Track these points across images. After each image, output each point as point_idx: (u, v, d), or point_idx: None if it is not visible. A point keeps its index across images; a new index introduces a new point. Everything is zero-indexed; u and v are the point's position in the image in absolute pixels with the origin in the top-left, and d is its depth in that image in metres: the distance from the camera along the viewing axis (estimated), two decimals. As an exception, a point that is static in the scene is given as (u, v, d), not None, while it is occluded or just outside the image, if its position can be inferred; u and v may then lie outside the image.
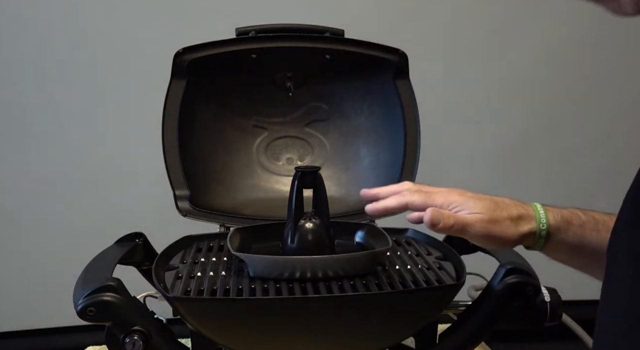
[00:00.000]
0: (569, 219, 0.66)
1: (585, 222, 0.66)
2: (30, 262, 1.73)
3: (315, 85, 1.01)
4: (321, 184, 0.79)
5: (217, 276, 0.73)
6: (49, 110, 1.68)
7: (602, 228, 0.65)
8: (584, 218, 0.66)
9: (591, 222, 0.66)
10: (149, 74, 1.26)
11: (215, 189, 0.99)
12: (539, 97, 1.87)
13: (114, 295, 0.64)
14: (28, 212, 1.72)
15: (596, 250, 0.64)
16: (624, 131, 1.88)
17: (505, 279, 0.70)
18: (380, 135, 1.01)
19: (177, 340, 0.70)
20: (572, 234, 0.65)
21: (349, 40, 0.96)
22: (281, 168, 1.02)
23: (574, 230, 0.65)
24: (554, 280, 0.75)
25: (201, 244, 0.86)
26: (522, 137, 1.88)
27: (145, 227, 0.87)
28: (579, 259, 0.67)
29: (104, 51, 1.67)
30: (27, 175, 1.70)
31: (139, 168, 1.63)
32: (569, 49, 1.84)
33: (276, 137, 1.03)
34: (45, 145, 1.70)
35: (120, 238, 0.85)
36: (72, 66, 1.67)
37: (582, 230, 0.65)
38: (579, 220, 0.66)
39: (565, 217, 0.66)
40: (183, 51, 0.91)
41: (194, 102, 0.95)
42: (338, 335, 0.67)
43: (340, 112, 1.03)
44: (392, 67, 0.96)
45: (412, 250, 0.84)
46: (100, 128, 1.70)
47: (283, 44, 0.95)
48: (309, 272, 0.71)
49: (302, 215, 0.77)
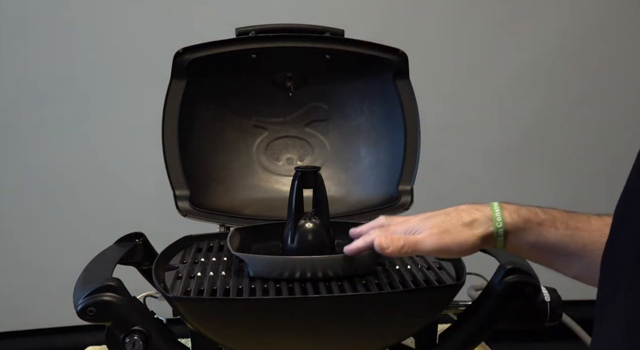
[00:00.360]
0: (526, 217, 0.68)
1: (544, 220, 0.67)
2: (30, 262, 1.73)
3: (315, 85, 1.01)
4: (321, 184, 0.79)
5: (217, 276, 0.73)
6: (48, 110, 1.68)
7: (560, 225, 0.67)
8: (542, 216, 0.68)
9: (549, 220, 0.67)
10: (149, 74, 1.27)
11: (215, 189, 0.99)
12: (539, 97, 1.87)
13: (114, 295, 0.64)
14: (28, 212, 1.72)
15: (555, 247, 0.66)
16: (625, 131, 1.88)
17: (505, 279, 0.70)
18: (380, 135, 1.01)
19: (177, 340, 0.70)
20: (531, 232, 0.67)
21: (349, 40, 0.96)
22: (281, 168, 1.02)
23: (532, 228, 0.67)
24: (554, 280, 0.75)
25: (201, 244, 0.86)
26: (523, 137, 1.88)
27: (145, 227, 0.87)
28: (541, 256, 0.69)
29: (104, 51, 1.67)
30: (27, 175, 1.70)
31: (139, 168, 1.63)
32: (569, 49, 1.84)
33: (276, 137, 1.03)
34: (44, 145, 1.70)
35: (120, 238, 0.85)
36: (72, 66, 1.67)
37: (541, 228, 0.67)
38: (537, 219, 0.67)
39: (523, 215, 0.68)
40: (183, 51, 0.91)
41: (194, 102, 0.95)
42: (338, 335, 0.67)
43: (340, 112, 1.03)
44: (392, 67, 0.96)
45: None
46: (100, 128, 1.70)
47: (283, 44, 0.95)
48: (309, 272, 0.71)
49: (302, 215, 0.77)
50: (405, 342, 0.79)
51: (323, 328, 0.66)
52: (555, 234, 0.66)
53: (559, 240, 0.66)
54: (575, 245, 0.66)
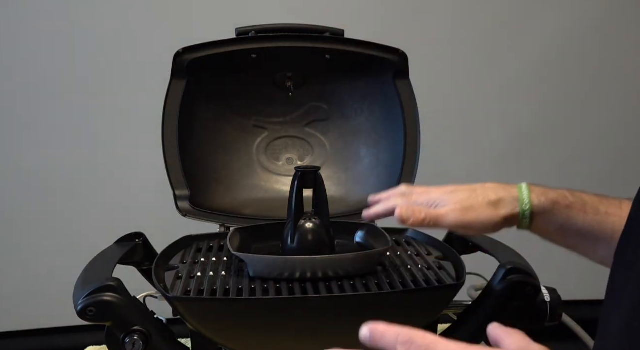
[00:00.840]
0: (555, 200, 0.66)
1: (572, 203, 0.66)
2: (30, 262, 1.73)
3: (315, 85, 1.01)
4: (321, 184, 0.79)
5: (217, 276, 0.73)
6: (48, 110, 1.68)
7: (589, 210, 0.66)
8: (571, 199, 0.67)
9: (579, 203, 0.66)
10: (149, 74, 1.26)
11: (215, 189, 0.99)
12: (540, 97, 1.87)
13: (114, 295, 0.64)
14: (28, 212, 1.72)
15: (583, 231, 0.65)
16: (626, 131, 1.88)
17: (505, 279, 0.70)
18: (380, 135, 1.01)
19: (177, 340, 0.70)
20: (559, 215, 0.66)
21: (349, 40, 0.96)
22: (281, 168, 1.02)
23: (559, 210, 0.66)
24: (554, 280, 0.75)
25: (201, 244, 0.86)
26: (523, 138, 1.88)
27: (145, 227, 0.87)
28: (567, 239, 0.68)
29: (104, 51, 1.66)
30: (27, 175, 1.70)
31: (139, 168, 1.63)
32: (570, 49, 1.84)
33: (276, 137, 1.03)
34: (44, 145, 1.70)
35: (120, 238, 0.85)
36: (72, 66, 1.67)
37: (569, 211, 0.66)
38: (565, 201, 0.66)
39: (551, 198, 0.67)
40: (183, 51, 0.91)
41: (194, 102, 0.95)
42: (338, 335, 0.66)
43: (340, 112, 1.03)
44: (392, 67, 0.96)
45: (412, 250, 0.84)
46: (100, 128, 1.70)
47: (283, 44, 0.95)
48: (309, 272, 0.71)
49: (302, 215, 0.77)
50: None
51: (323, 328, 0.66)
52: (584, 218, 0.65)
53: (587, 225, 0.65)
54: (604, 231, 0.65)
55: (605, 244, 0.65)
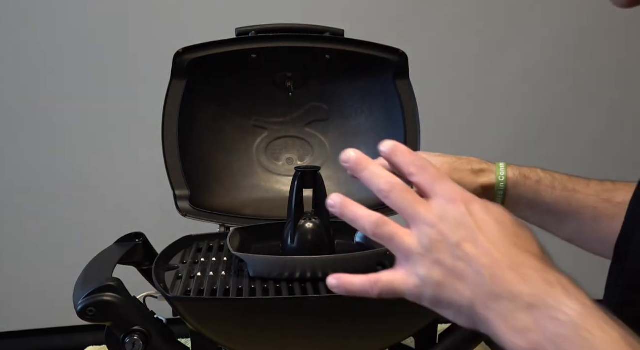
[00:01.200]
0: (526, 174, 0.71)
1: (542, 178, 0.70)
2: (31, 262, 1.73)
3: (315, 85, 1.01)
4: (321, 184, 0.79)
5: (217, 276, 0.73)
6: (48, 110, 1.68)
7: (558, 186, 0.70)
8: (541, 174, 0.71)
9: (548, 179, 0.70)
10: (149, 74, 1.26)
11: (215, 189, 0.99)
12: (540, 96, 1.87)
13: (114, 295, 0.64)
14: (28, 212, 1.72)
15: (552, 206, 0.69)
16: (627, 131, 1.88)
17: (505, 279, 0.70)
18: (380, 135, 1.01)
19: (177, 340, 0.70)
20: (529, 188, 0.70)
21: (349, 40, 0.96)
22: (281, 168, 1.02)
23: (530, 184, 0.70)
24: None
25: (201, 244, 0.86)
26: (524, 138, 1.88)
27: (145, 227, 0.87)
28: (537, 215, 0.71)
29: (105, 51, 1.67)
30: (27, 175, 1.70)
31: (139, 168, 1.63)
32: (571, 49, 1.84)
33: (276, 137, 1.03)
34: (44, 145, 1.70)
35: (120, 238, 0.85)
36: (72, 66, 1.67)
37: (538, 186, 0.70)
38: (536, 176, 0.71)
39: (524, 173, 0.71)
40: (183, 51, 0.91)
41: (194, 102, 0.95)
42: (338, 335, 0.66)
43: (340, 112, 1.03)
44: (392, 67, 0.96)
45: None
46: (100, 128, 1.70)
47: (283, 44, 0.95)
48: (309, 272, 0.71)
49: (302, 215, 0.77)
50: (405, 342, 0.79)
51: (323, 328, 0.66)
52: (552, 193, 0.69)
53: (555, 200, 0.69)
54: (570, 206, 0.68)
55: (572, 220, 0.69)
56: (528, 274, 0.40)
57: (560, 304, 0.38)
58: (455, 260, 0.42)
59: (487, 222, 0.43)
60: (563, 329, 0.37)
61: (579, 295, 0.39)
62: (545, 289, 0.39)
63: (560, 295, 0.39)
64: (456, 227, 0.42)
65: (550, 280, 0.39)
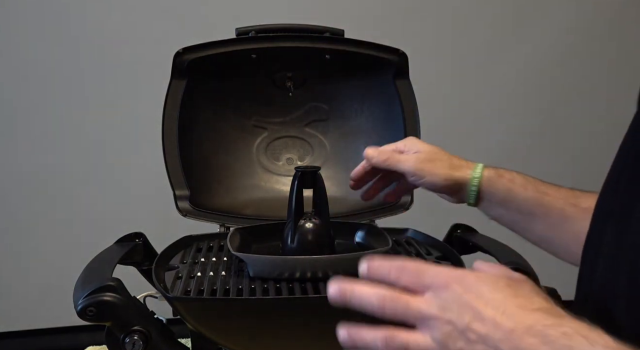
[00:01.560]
0: (501, 174, 0.74)
1: (516, 178, 0.73)
2: (31, 262, 1.73)
3: (315, 85, 1.01)
4: (321, 184, 0.79)
5: (217, 276, 0.73)
6: (48, 110, 1.68)
7: (530, 187, 0.72)
8: (516, 175, 0.74)
9: (522, 180, 0.73)
10: (149, 74, 1.26)
11: (215, 189, 0.99)
12: (540, 96, 1.87)
13: (114, 295, 0.64)
14: (28, 212, 1.72)
15: (522, 206, 0.72)
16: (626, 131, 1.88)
17: (505, 279, 0.70)
18: (380, 135, 1.01)
19: (177, 340, 0.70)
20: (502, 186, 0.73)
21: (348, 40, 0.96)
22: (281, 168, 1.02)
23: (504, 182, 0.73)
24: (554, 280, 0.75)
25: (201, 244, 0.86)
26: (524, 138, 1.88)
27: (145, 227, 0.87)
28: (508, 213, 0.74)
29: (105, 51, 1.67)
30: (27, 175, 1.70)
31: (139, 168, 1.63)
32: (570, 49, 1.84)
33: (276, 137, 1.03)
34: (44, 145, 1.70)
35: (120, 238, 0.85)
36: (72, 66, 1.67)
37: (512, 184, 0.73)
38: (509, 176, 0.74)
39: (499, 172, 0.75)
40: (183, 51, 0.91)
41: (194, 102, 0.95)
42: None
43: (340, 112, 1.03)
44: (392, 67, 0.96)
45: (412, 250, 0.84)
46: (100, 128, 1.70)
47: (283, 44, 0.95)
48: (309, 272, 0.71)
49: (302, 215, 0.77)
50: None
51: (323, 328, 0.66)
52: (524, 194, 0.72)
53: (526, 199, 0.72)
54: (540, 206, 0.71)
55: (541, 221, 0.71)
56: (545, 333, 0.40)
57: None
58: (471, 344, 0.42)
59: (486, 292, 0.43)
60: None
61: (600, 338, 0.39)
62: (567, 344, 0.39)
63: (583, 345, 0.38)
64: (459, 311, 0.43)
65: (568, 333, 0.39)
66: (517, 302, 0.42)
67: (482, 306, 0.42)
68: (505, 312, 0.41)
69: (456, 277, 0.44)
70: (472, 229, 0.91)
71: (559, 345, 0.39)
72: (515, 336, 0.40)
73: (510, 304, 0.42)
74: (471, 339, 0.41)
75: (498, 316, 0.41)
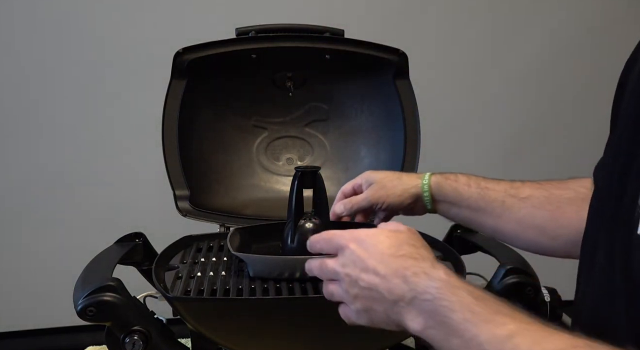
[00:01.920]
0: (447, 176, 0.82)
1: (460, 178, 0.81)
2: (30, 262, 1.73)
3: (315, 85, 1.01)
4: (321, 184, 0.79)
5: (217, 276, 0.73)
6: (48, 110, 1.68)
7: (473, 184, 0.80)
8: (460, 176, 0.81)
9: (465, 179, 0.81)
10: (149, 74, 1.26)
11: (215, 189, 0.99)
12: (540, 97, 1.87)
13: (114, 295, 0.64)
14: (28, 212, 1.72)
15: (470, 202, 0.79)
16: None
17: (505, 279, 0.70)
18: (380, 135, 1.01)
19: (177, 340, 0.70)
20: (449, 186, 0.81)
21: (348, 40, 0.96)
22: (281, 168, 1.02)
23: (450, 183, 0.81)
24: (554, 280, 0.75)
25: (201, 244, 0.86)
26: (524, 137, 1.88)
27: (145, 227, 0.87)
28: (460, 212, 0.81)
29: (105, 51, 1.67)
30: (27, 175, 1.70)
31: (139, 168, 1.63)
32: (570, 49, 1.84)
33: (276, 137, 1.03)
34: (44, 145, 1.70)
35: (120, 238, 0.85)
36: (72, 66, 1.67)
37: (457, 184, 0.80)
38: (454, 177, 0.82)
39: (445, 175, 0.82)
40: (183, 51, 0.91)
41: (194, 102, 0.95)
42: (338, 335, 0.66)
43: (340, 112, 1.03)
44: (392, 67, 0.96)
45: (412, 250, 0.84)
46: (100, 128, 1.70)
47: (283, 44, 0.95)
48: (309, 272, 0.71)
49: (302, 215, 0.77)
50: (405, 342, 0.79)
51: (323, 328, 0.66)
52: (468, 190, 0.79)
53: (471, 196, 0.79)
54: (484, 201, 0.78)
55: (487, 215, 0.78)
56: (404, 274, 0.52)
57: (426, 287, 0.50)
58: (363, 290, 0.54)
59: (371, 246, 0.55)
60: (432, 306, 0.49)
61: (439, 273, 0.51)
62: (416, 281, 0.51)
63: (425, 280, 0.51)
64: (353, 265, 0.55)
65: (417, 273, 0.51)
66: (390, 251, 0.54)
67: (367, 258, 0.54)
68: (382, 261, 0.53)
69: (353, 237, 0.56)
70: (472, 229, 0.91)
71: (411, 283, 0.51)
72: (387, 279, 0.52)
73: (385, 253, 0.54)
74: (362, 286, 0.54)
75: (377, 265, 0.53)
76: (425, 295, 0.50)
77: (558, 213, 0.74)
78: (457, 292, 0.49)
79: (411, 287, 0.51)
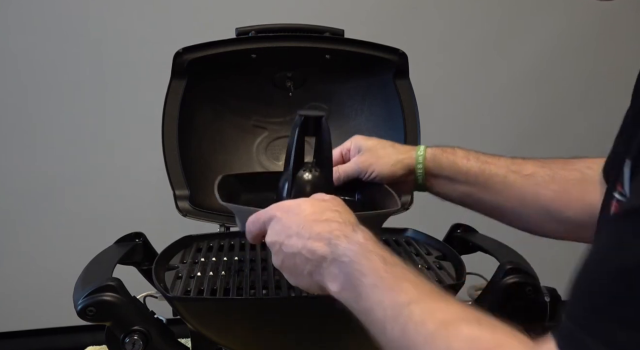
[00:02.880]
0: (443, 149, 0.79)
1: (458, 151, 0.78)
2: (31, 262, 1.73)
3: (315, 85, 1.01)
4: (326, 133, 0.71)
5: (217, 276, 0.73)
6: (48, 110, 1.68)
7: (471, 157, 0.77)
8: (456, 148, 0.78)
9: (463, 152, 0.78)
10: (149, 74, 1.26)
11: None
12: (540, 97, 1.87)
13: (114, 295, 0.64)
14: (28, 212, 1.72)
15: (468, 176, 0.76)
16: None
17: (505, 278, 0.70)
18: (380, 135, 1.01)
19: (177, 340, 0.70)
20: (445, 160, 0.77)
21: (349, 40, 0.96)
22: (281, 168, 1.02)
23: (446, 156, 0.78)
24: (554, 280, 0.75)
25: (201, 244, 0.86)
26: (524, 138, 1.87)
27: (145, 227, 0.87)
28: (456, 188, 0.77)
29: (104, 51, 1.67)
30: (27, 175, 1.70)
31: (139, 168, 1.63)
32: (570, 49, 1.84)
33: (276, 137, 1.03)
34: (44, 145, 1.70)
35: (120, 238, 0.85)
36: (72, 66, 1.67)
37: (454, 157, 0.77)
38: (451, 150, 0.79)
39: (441, 148, 0.79)
40: (183, 51, 0.91)
41: (194, 102, 0.95)
42: (339, 335, 0.67)
43: (340, 112, 1.03)
44: (392, 67, 0.96)
45: (412, 250, 0.84)
46: (100, 128, 1.70)
47: (283, 44, 0.95)
48: None
49: (301, 165, 0.70)
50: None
51: (323, 328, 0.66)
52: (467, 163, 0.76)
53: (469, 170, 0.76)
54: (483, 175, 0.75)
55: (487, 190, 0.75)
56: (326, 237, 0.54)
57: (344, 250, 0.53)
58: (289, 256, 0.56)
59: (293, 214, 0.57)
60: (348, 268, 0.52)
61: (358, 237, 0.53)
62: (337, 243, 0.53)
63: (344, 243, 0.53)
64: (279, 233, 0.58)
65: (338, 235, 0.54)
66: (312, 217, 0.56)
67: (290, 225, 0.57)
68: (304, 227, 0.56)
69: (279, 207, 0.59)
70: (472, 229, 0.91)
71: (333, 245, 0.54)
72: (310, 242, 0.55)
73: (308, 219, 0.56)
74: (288, 252, 0.57)
75: (300, 230, 0.56)
76: (343, 257, 0.53)
77: (563, 194, 0.71)
78: (370, 257, 0.52)
79: (332, 249, 0.54)
